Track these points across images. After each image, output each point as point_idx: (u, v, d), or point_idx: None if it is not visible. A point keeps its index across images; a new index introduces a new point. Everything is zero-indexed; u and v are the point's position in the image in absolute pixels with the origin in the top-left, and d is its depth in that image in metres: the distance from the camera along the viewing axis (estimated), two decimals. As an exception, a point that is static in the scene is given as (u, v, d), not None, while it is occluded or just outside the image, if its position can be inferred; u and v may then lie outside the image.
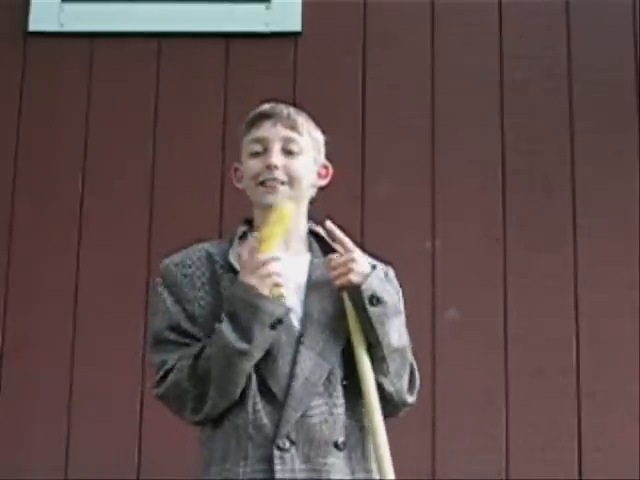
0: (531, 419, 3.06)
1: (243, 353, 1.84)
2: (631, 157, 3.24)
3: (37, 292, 3.19)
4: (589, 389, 3.08)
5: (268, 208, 2.01)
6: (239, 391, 1.88)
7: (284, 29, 3.35)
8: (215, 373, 1.86)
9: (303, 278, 2.02)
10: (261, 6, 3.38)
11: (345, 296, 1.97)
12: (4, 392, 3.12)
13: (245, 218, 2.11)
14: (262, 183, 2.02)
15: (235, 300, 1.87)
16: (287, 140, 2.05)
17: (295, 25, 3.35)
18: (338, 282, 1.95)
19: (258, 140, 2.04)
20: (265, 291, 1.86)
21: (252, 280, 1.87)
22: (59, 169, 3.28)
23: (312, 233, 2.12)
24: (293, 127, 2.06)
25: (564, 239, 3.18)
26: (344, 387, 1.94)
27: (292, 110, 2.09)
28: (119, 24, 3.37)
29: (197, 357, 1.88)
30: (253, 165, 2.04)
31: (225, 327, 1.85)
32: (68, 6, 3.39)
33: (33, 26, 3.36)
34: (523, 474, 3.03)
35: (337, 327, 1.96)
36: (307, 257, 2.07)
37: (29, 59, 3.36)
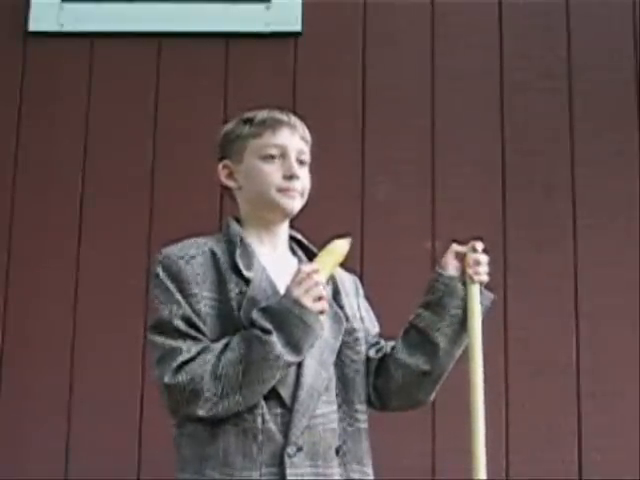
0: (531, 419, 3.06)
1: (290, 365, 1.89)
2: (631, 157, 3.24)
3: (37, 292, 3.19)
4: (589, 389, 3.08)
5: (285, 215, 2.06)
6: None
7: (284, 29, 3.35)
8: (250, 380, 1.86)
9: None
10: (261, 6, 3.38)
11: (474, 290, 2.05)
12: (4, 392, 3.12)
13: (234, 217, 2.11)
14: (282, 190, 2.03)
15: (289, 315, 1.88)
16: (300, 152, 2.08)
17: (295, 25, 3.35)
18: (480, 277, 2.05)
19: (276, 146, 2.05)
20: (317, 306, 1.90)
21: (305, 300, 1.89)
22: (59, 169, 3.28)
23: (292, 239, 2.15)
24: (306, 140, 2.11)
25: (564, 239, 3.18)
26: (336, 395, 1.98)
27: (299, 121, 2.12)
28: (119, 24, 3.37)
29: (219, 357, 1.87)
30: (271, 170, 2.04)
31: (276, 339, 1.86)
32: (68, 6, 3.39)
33: (33, 26, 3.36)
34: (523, 474, 3.03)
35: (331, 339, 1.99)
36: (294, 260, 2.10)
37: (29, 59, 3.36)
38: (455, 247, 2.10)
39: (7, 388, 3.12)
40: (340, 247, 2.04)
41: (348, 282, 2.16)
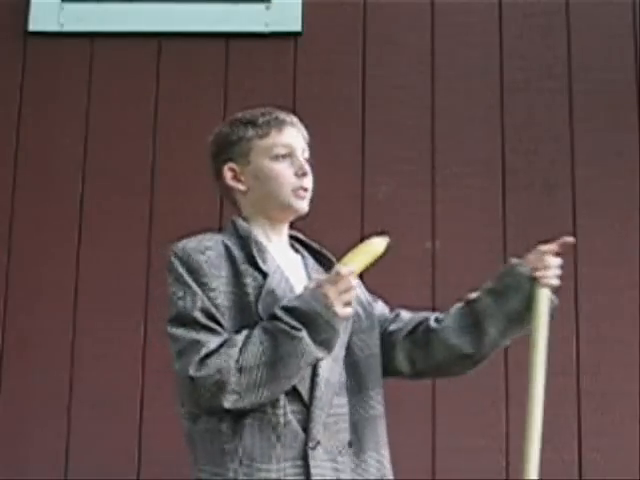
0: (525, 420, 3.05)
1: (317, 360, 1.90)
2: (631, 157, 3.24)
3: (37, 292, 3.19)
4: (589, 389, 3.08)
5: (296, 215, 2.08)
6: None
7: (284, 29, 3.35)
8: (277, 375, 1.86)
9: (302, 275, 2.07)
10: (261, 6, 3.38)
11: (542, 293, 2.04)
12: (4, 392, 3.12)
13: (242, 216, 2.11)
14: (295, 189, 2.06)
15: (317, 318, 1.88)
16: (304, 150, 2.12)
17: (295, 25, 3.35)
18: (548, 281, 2.05)
19: (284, 145, 2.07)
20: (345, 312, 1.91)
21: (337, 304, 1.89)
22: (59, 169, 3.29)
23: (291, 237, 2.16)
24: (306, 138, 2.14)
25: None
26: (346, 388, 1.98)
27: (297, 120, 2.15)
28: (119, 24, 3.37)
29: (242, 349, 1.87)
30: (282, 169, 2.06)
31: (305, 335, 1.86)
32: (68, 6, 3.39)
33: (33, 26, 3.36)
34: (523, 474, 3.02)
35: (342, 333, 1.98)
36: (296, 256, 2.12)
37: (29, 59, 3.36)
38: (541, 248, 2.11)
39: (7, 388, 3.13)
40: (377, 246, 2.01)
41: None
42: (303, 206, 2.07)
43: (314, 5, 3.35)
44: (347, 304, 1.90)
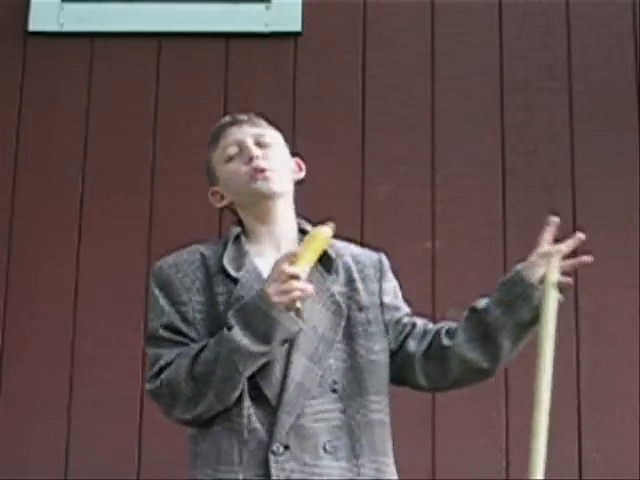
0: (531, 419, 3.05)
1: (255, 355, 1.86)
2: (631, 157, 3.24)
3: (37, 292, 3.19)
4: (589, 389, 3.08)
5: (267, 197, 2.05)
6: (236, 396, 1.89)
7: (284, 29, 3.35)
8: (218, 377, 1.86)
9: None
10: (261, 6, 3.38)
11: (553, 291, 1.99)
12: (4, 392, 3.12)
13: (237, 219, 2.12)
14: (250, 175, 2.04)
15: (255, 311, 1.87)
16: (257, 135, 2.10)
17: (295, 25, 3.35)
18: (564, 281, 2.01)
19: (231, 144, 2.09)
20: (283, 301, 1.86)
21: (273, 294, 1.87)
22: (59, 169, 3.29)
23: (301, 231, 2.13)
24: (257, 124, 2.14)
25: (564, 239, 3.18)
26: (333, 391, 1.95)
27: (245, 114, 2.16)
28: (119, 24, 3.37)
29: (195, 358, 1.89)
30: (235, 166, 2.07)
31: (238, 332, 1.85)
32: (68, 6, 3.39)
33: (33, 26, 3.36)
34: (523, 474, 3.02)
35: (329, 333, 1.97)
36: None
37: (29, 59, 3.36)
38: (546, 249, 2.07)
39: (7, 388, 3.12)
40: (322, 233, 2.00)
41: (369, 266, 2.10)
42: (262, 185, 2.03)
43: (314, 5, 3.35)
44: (287, 293, 1.86)
